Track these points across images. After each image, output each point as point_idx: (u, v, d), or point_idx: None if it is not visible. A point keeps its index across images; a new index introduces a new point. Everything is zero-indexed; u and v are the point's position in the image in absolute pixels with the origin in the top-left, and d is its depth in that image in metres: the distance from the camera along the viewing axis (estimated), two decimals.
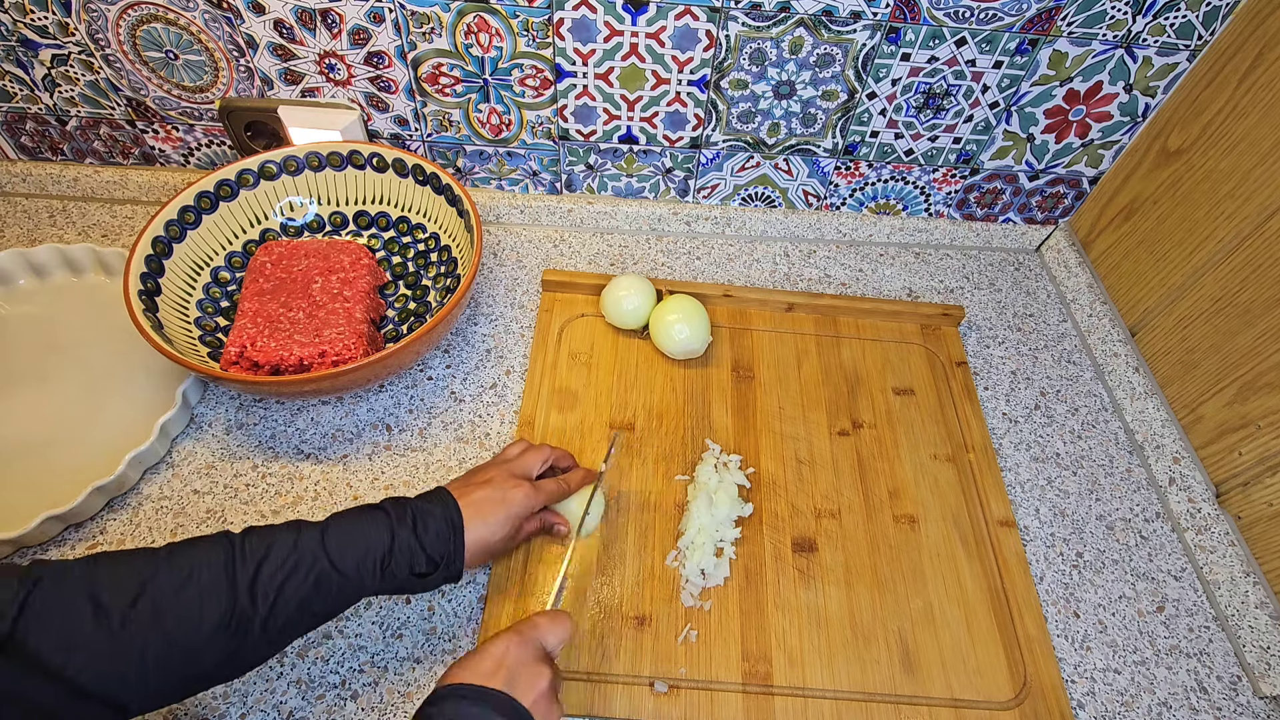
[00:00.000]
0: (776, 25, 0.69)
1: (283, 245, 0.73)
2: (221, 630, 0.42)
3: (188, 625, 0.41)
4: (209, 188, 0.72)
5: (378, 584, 0.47)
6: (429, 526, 0.49)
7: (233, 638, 0.42)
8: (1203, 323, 0.69)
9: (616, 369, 0.74)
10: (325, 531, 0.47)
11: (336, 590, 0.46)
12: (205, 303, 0.71)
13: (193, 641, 0.41)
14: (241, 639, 0.43)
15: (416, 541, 0.48)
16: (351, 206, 0.79)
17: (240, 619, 0.42)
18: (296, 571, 0.44)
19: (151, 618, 0.40)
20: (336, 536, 0.46)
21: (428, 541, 0.48)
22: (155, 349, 0.59)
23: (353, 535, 0.47)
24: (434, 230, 0.77)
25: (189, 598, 0.41)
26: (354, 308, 0.68)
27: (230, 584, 0.43)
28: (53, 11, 0.70)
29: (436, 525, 0.49)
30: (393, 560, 0.47)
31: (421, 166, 0.75)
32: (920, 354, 0.78)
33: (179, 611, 0.41)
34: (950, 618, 0.61)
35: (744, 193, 0.87)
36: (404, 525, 0.48)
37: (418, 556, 0.48)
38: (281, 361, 0.64)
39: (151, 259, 0.67)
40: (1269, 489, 0.61)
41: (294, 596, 0.44)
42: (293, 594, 0.44)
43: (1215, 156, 0.69)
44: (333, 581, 0.45)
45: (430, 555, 0.48)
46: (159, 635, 0.40)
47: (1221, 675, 0.60)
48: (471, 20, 0.70)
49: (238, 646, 0.43)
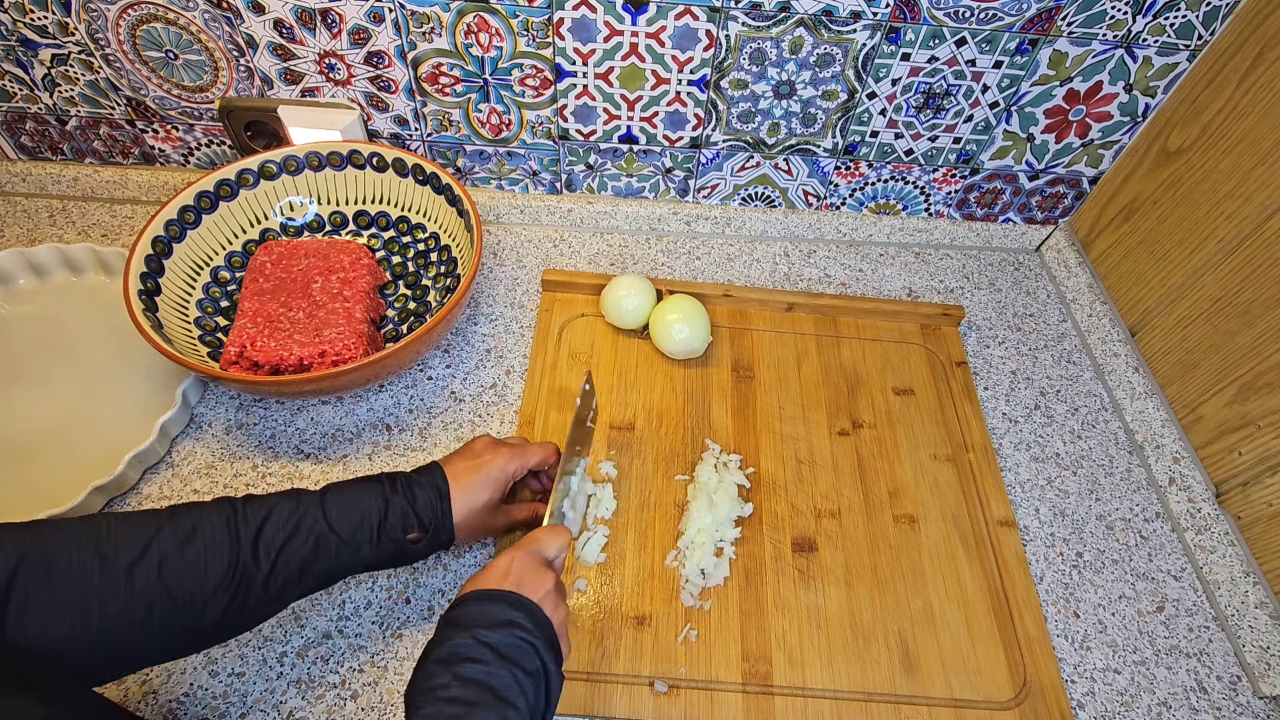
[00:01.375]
0: (776, 25, 0.69)
1: (283, 245, 0.73)
2: (225, 586, 0.44)
3: (192, 580, 0.43)
4: (209, 187, 0.72)
5: (373, 549, 0.49)
6: (418, 495, 0.51)
7: (235, 594, 0.44)
8: (1203, 323, 0.69)
9: (616, 369, 0.74)
10: (324, 497, 0.49)
11: (334, 553, 0.48)
12: (205, 302, 0.71)
13: (197, 596, 0.43)
14: (244, 596, 0.45)
15: (409, 506, 0.51)
16: (351, 206, 0.79)
17: (243, 574, 0.44)
18: (297, 533, 0.47)
19: (157, 571, 0.42)
20: (334, 502, 0.49)
21: (419, 507, 0.51)
22: (155, 349, 0.59)
23: (350, 501, 0.49)
24: (434, 230, 0.77)
25: (193, 553, 0.43)
26: (354, 307, 0.68)
27: (234, 541, 0.45)
28: (52, 11, 0.70)
29: (425, 493, 0.52)
30: (387, 525, 0.49)
31: (421, 166, 0.75)
32: (920, 354, 0.78)
33: (183, 566, 0.43)
34: (950, 618, 0.61)
35: (744, 193, 0.87)
36: (396, 493, 0.51)
37: (410, 521, 0.50)
38: (281, 361, 0.64)
39: (151, 259, 0.67)
40: (1269, 489, 0.61)
41: (295, 556, 0.46)
42: (294, 554, 0.46)
43: (1215, 156, 0.69)
44: (331, 544, 0.48)
45: (421, 520, 0.51)
46: (163, 589, 0.42)
47: (1221, 675, 0.60)
48: (471, 20, 0.70)
49: (240, 604, 0.45)
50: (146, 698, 0.53)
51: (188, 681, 0.54)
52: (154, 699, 0.53)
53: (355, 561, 0.49)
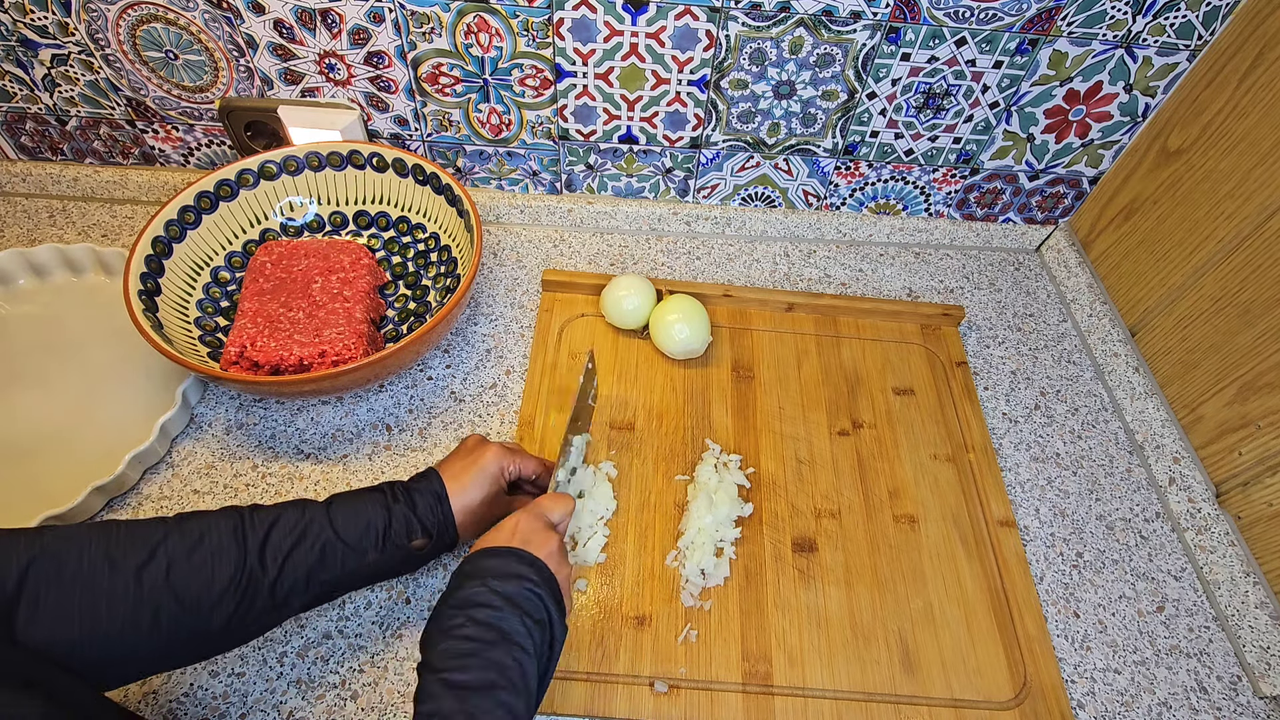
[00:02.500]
0: (776, 25, 0.69)
1: (283, 245, 0.73)
2: (232, 591, 0.44)
3: (199, 583, 0.43)
4: (209, 188, 0.72)
5: (379, 555, 0.50)
6: (418, 502, 0.52)
7: (242, 599, 0.45)
8: (1203, 322, 0.69)
9: (616, 369, 0.74)
10: (329, 507, 0.50)
11: (341, 560, 0.49)
12: (205, 303, 0.71)
13: (204, 600, 0.43)
14: (250, 602, 0.45)
15: (410, 512, 0.52)
16: (351, 206, 0.79)
17: (250, 579, 0.45)
18: (304, 539, 0.48)
19: (165, 575, 0.42)
20: (340, 510, 0.50)
21: (420, 513, 0.52)
22: (155, 349, 0.59)
23: (354, 509, 0.50)
24: (434, 230, 0.77)
25: (200, 559, 0.44)
26: (354, 308, 0.68)
27: (241, 546, 0.45)
28: (52, 11, 0.70)
29: (425, 499, 0.53)
30: (392, 531, 0.51)
31: (421, 166, 0.75)
32: (920, 354, 0.78)
33: (191, 570, 0.43)
34: (950, 618, 0.61)
35: (744, 193, 0.87)
36: (398, 501, 0.52)
37: (414, 527, 0.52)
38: (281, 361, 0.64)
39: (151, 259, 0.67)
40: (1269, 489, 0.61)
41: (302, 563, 0.47)
42: (300, 560, 0.47)
43: (1215, 156, 0.69)
44: (338, 551, 0.49)
45: (424, 525, 0.52)
46: (171, 592, 0.42)
47: (1222, 675, 0.60)
48: (471, 20, 0.70)
49: (246, 609, 0.45)
50: (146, 698, 0.53)
51: (188, 682, 0.54)
52: (154, 699, 0.53)
53: (362, 568, 0.50)
